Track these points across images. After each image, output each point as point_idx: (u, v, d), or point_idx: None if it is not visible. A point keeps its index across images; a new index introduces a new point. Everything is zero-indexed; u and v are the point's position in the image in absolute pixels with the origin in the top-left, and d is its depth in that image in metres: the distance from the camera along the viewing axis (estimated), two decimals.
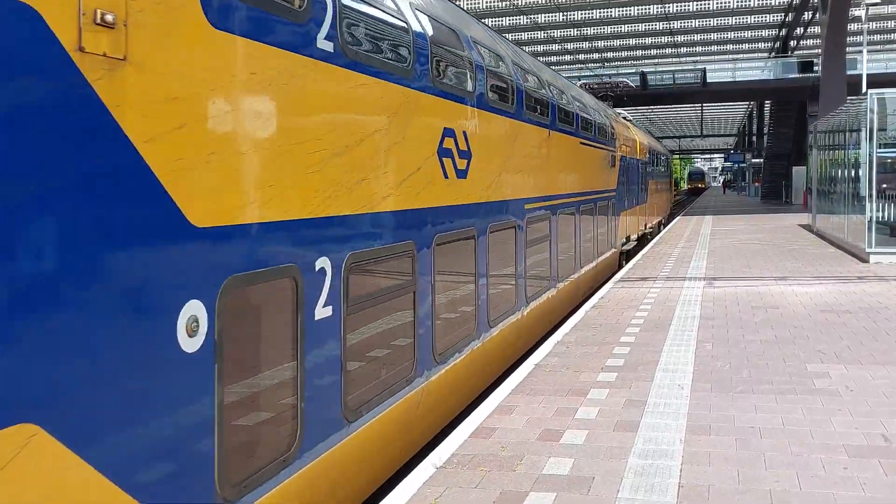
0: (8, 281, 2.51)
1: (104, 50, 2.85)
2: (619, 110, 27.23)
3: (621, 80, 34.40)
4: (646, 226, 25.52)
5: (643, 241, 24.34)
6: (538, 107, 10.32)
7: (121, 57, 2.93)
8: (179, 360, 3.23)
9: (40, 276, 2.62)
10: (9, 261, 2.51)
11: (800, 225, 27.52)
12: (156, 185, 3.10)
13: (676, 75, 47.90)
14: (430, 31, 6.36)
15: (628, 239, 20.28)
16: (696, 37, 51.13)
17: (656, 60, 57.97)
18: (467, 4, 40.44)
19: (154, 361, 3.10)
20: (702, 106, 63.66)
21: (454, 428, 6.25)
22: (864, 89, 26.40)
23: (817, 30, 39.31)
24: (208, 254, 3.43)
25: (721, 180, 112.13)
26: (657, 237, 24.68)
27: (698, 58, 56.13)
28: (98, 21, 2.79)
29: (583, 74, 44.43)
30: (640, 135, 25.39)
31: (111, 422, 2.89)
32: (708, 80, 46.78)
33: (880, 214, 16.89)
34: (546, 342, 9.08)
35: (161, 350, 3.13)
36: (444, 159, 6.56)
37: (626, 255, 19.93)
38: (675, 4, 42.96)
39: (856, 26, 40.60)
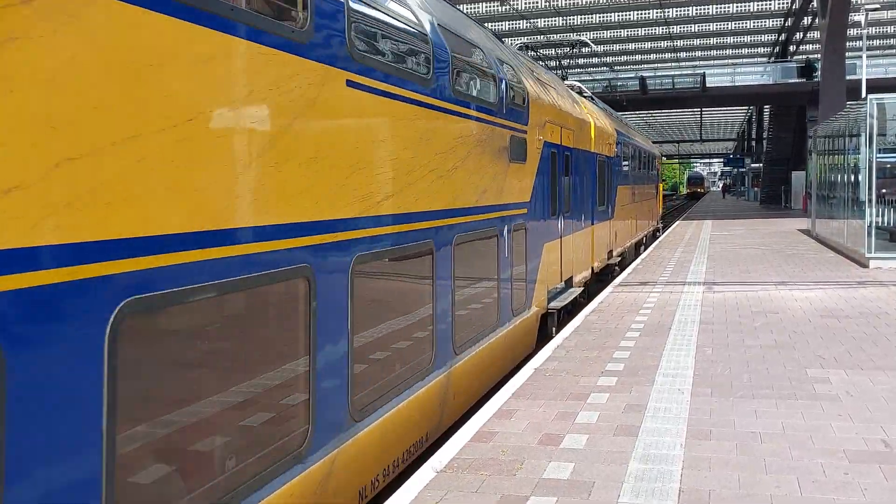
0: None
1: None
2: (576, 83, 20.49)
3: (577, 40, 25.13)
4: (611, 253, 16.99)
5: (605, 273, 16.42)
6: None
7: None
8: None
9: None
10: None
11: (799, 230, 27.54)
12: None
13: (676, 80, 48.07)
14: None
15: (569, 283, 12.25)
16: (696, 41, 51.24)
17: (656, 65, 58.10)
18: (468, 9, 40.53)
19: None
20: (701, 110, 63.74)
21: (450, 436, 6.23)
22: (863, 94, 26.44)
23: (817, 35, 39.39)
24: None
25: (721, 185, 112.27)
26: (633, 264, 17.98)
27: (698, 62, 56.27)
28: None
29: (583, 80, 44.45)
30: (600, 117, 16.73)
31: None
32: (707, 85, 46.94)
33: (880, 219, 16.90)
34: (546, 346, 9.08)
35: None
36: None
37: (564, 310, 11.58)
38: (674, 9, 43.05)
39: (855, 31, 40.68)
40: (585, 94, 19.80)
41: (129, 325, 3.07)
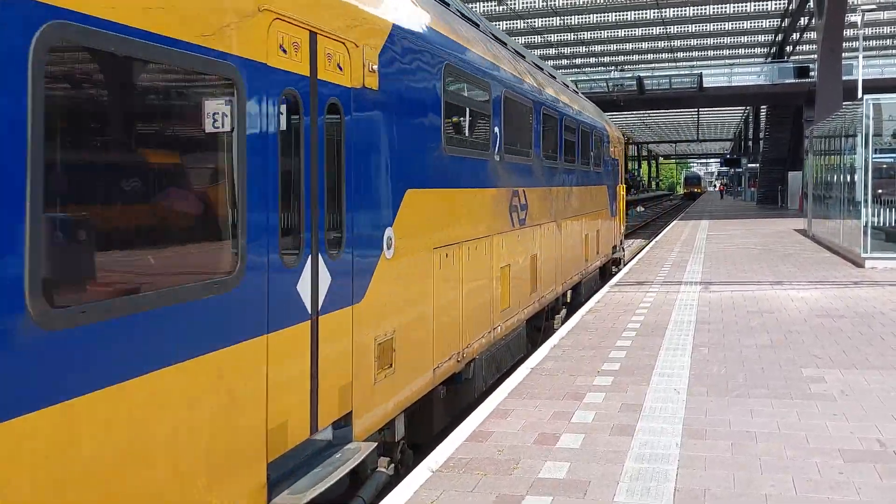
0: None
1: None
2: None
3: None
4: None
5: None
6: None
7: None
8: None
9: None
10: None
11: (795, 230, 27.58)
12: None
13: (673, 80, 48.14)
14: None
15: None
16: (693, 42, 51.32)
17: (653, 65, 58.18)
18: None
19: None
20: (698, 111, 63.88)
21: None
22: (859, 94, 26.49)
23: (813, 35, 39.48)
24: None
25: (717, 185, 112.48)
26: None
27: (695, 63, 56.35)
28: None
29: (579, 80, 44.49)
30: None
31: None
32: (704, 85, 46.98)
33: (876, 219, 16.94)
34: (542, 346, 9.10)
35: None
36: None
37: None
38: (672, 10, 43.10)
39: (852, 32, 40.75)
40: None
41: None
